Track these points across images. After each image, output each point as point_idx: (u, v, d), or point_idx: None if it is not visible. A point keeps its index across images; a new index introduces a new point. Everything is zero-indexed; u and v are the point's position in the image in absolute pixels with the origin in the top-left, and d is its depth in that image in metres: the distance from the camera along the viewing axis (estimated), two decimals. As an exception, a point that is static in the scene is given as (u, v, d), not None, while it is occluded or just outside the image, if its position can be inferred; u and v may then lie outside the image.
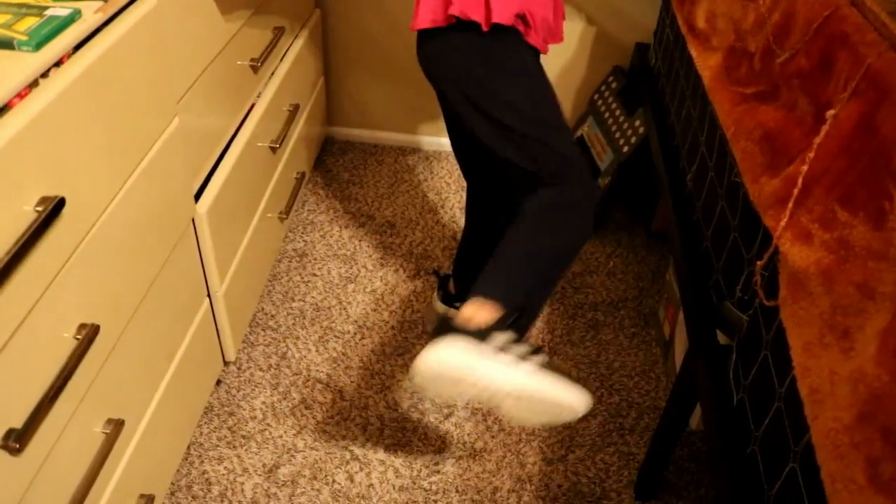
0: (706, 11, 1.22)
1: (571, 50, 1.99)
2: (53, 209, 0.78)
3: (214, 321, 1.37)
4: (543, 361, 1.01)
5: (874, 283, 0.62)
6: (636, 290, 1.79)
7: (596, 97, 2.03)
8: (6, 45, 0.79)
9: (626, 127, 1.84)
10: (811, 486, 0.71)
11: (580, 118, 2.09)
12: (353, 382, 1.54)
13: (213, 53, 1.24)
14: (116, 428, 0.98)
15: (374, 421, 1.46)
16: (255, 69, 1.45)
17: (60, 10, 0.85)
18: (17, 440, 0.77)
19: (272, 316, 1.67)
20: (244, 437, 1.42)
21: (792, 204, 0.76)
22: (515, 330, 1.04)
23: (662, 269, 1.85)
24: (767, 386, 0.84)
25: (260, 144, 1.49)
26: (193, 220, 1.22)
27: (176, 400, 1.21)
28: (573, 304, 1.74)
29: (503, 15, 1.12)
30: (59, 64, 0.83)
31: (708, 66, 1.15)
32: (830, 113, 0.72)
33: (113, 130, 0.92)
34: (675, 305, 1.54)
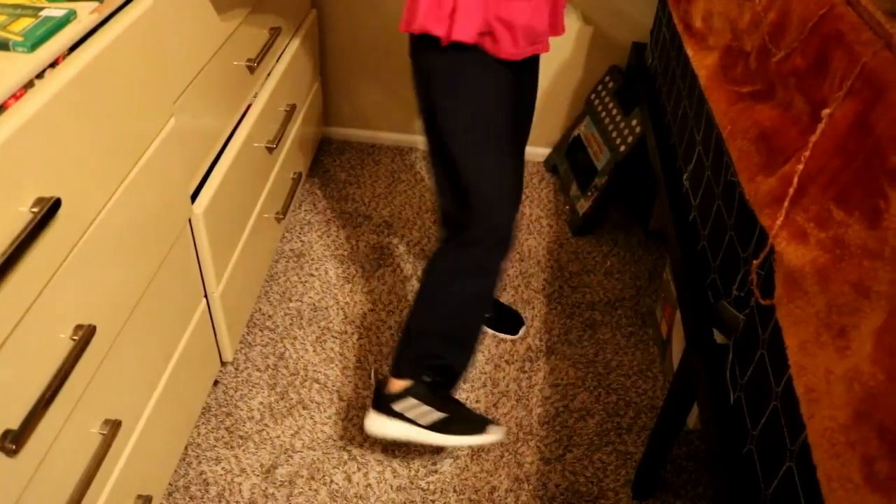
0: (702, 11, 1.22)
1: (568, 49, 2.00)
2: (49, 210, 0.78)
3: (211, 322, 1.37)
4: (444, 419, 1.26)
5: (869, 281, 0.62)
6: (633, 289, 1.79)
7: (593, 97, 2.03)
8: (1, 45, 0.79)
9: (622, 126, 1.84)
10: (808, 485, 0.71)
11: (577, 118, 2.09)
12: (350, 382, 1.53)
13: (209, 54, 1.24)
14: (113, 429, 0.98)
15: (371, 421, 1.46)
16: (251, 69, 1.45)
17: (56, 10, 0.85)
18: (13, 441, 0.76)
19: (269, 316, 1.67)
20: (242, 437, 1.42)
21: (788, 203, 0.76)
22: (443, 384, 1.29)
23: (659, 268, 1.85)
24: (764, 385, 0.84)
25: (256, 145, 1.49)
26: (190, 220, 1.22)
27: (173, 400, 1.21)
28: (570, 303, 1.74)
29: (465, 32, 1.09)
30: (54, 65, 0.83)
31: (704, 65, 1.15)
32: (826, 112, 0.72)
33: (109, 131, 0.92)
34: (672, 305, 1.54)
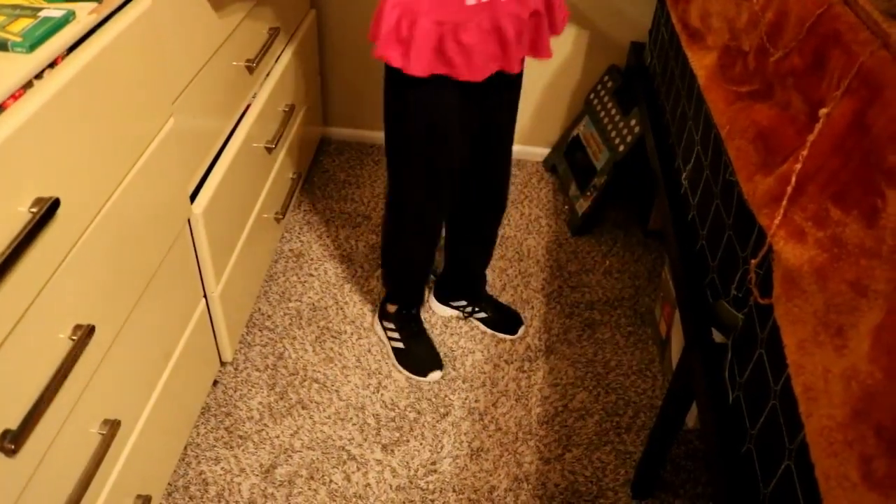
0: (700, 10, 1.22)
1: (567, 49, 2.00)
2: (48, 210, 0.78)
3: (211, 322, 1.37)
4: (400, 349, 1.58)
5: (867, 280, 0.62)
6: (632, 288, 1.79)
7: (592, 96, 2.03)
8: (0, 46, 0.79)
9: (621, 126, 1.84)
10: (806, 483, 0.71)
11: (576, 118, 2.09)
12: (349, 382, 1.54)
13: (208, 54, 1.24)
14: (113, 428, 0.98)
15: (370, 421, 1.46)
16: (250, 70, 1.45)
17: (54, 11, 0.85)
18: (12, 441, 0.76)
19: (269, 316, 1.67)
20: (241, 437, 1.42)
21: (786, 202, 0.76)
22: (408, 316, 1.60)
23: (658, 267, 1.85)
24: (762, 384, 0.84)
25: (256, 145, 1.49)
26: (189, 220, 1.22)
27: (172, 400, 1.21)
28: (570, 302, 1.74)
29: (418, 68, 1.15)
30: (53, 65, 0.83)
31: (702, 64, 1.15)
32: (823, 111, 0.72)
33: (108, 131, 0.92)
34: (671, 304, 1.54)
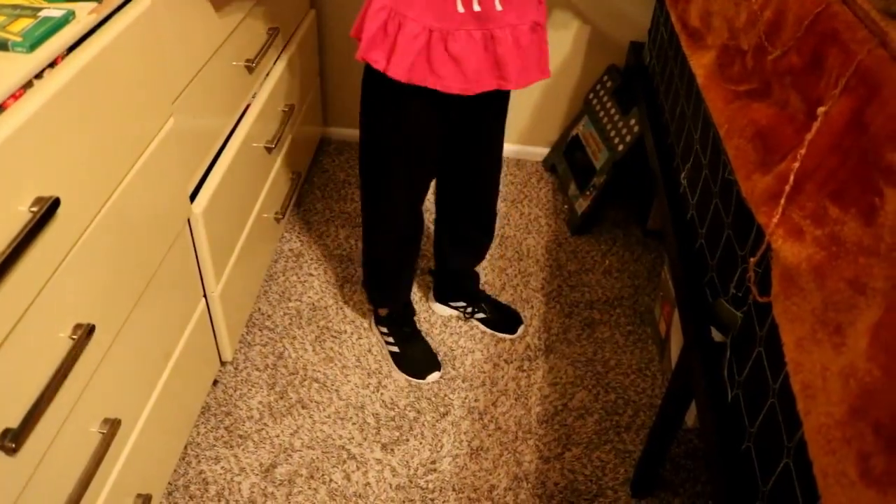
0: (700, 10, 1.23)
1: (567, 49, 2.00)
2: (48, 209, 0.78)
3: (211, 321, 1.37)
4: (396, 353, 1.58)
5: (865, 278, 0.62)
6: (632, 288, 1.79)
7: (591, 96, 2.03)
8: (0, 46, 0.79)
9: (621, 126, 1.84)
10: (804, 481, 0.71)
11: (575, 117, 2.09)
12: (349, 382, 1.54)
13: (208, 54, 1.24)
14: (113, 427, 0.98)
15: (370, 420, 1.46)
16: (250, 69, 1.45)
17: (54, 11, 0.86)
18: (13, 440, 0.77)
19: (269, 316, 1.67)
20: (241, 436, 1.42)
21: (784, 200, 0.76)
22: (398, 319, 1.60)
23: (658, 267, 1.85)
24: (761, 382, 0.84)
25: (255, 145, 1.49)
26: (189, 220, 1.22)
27: (173, 400, 1.22)
28: (569, 302, 1.74)
29: (400, 71, 1.11)
30: (53, 65, 0.83)
31: (701, 64, 1.15)
32: (821, 110, 0.72)
33: (108, 131, 0.93)
34: (670, 303, 1.54)
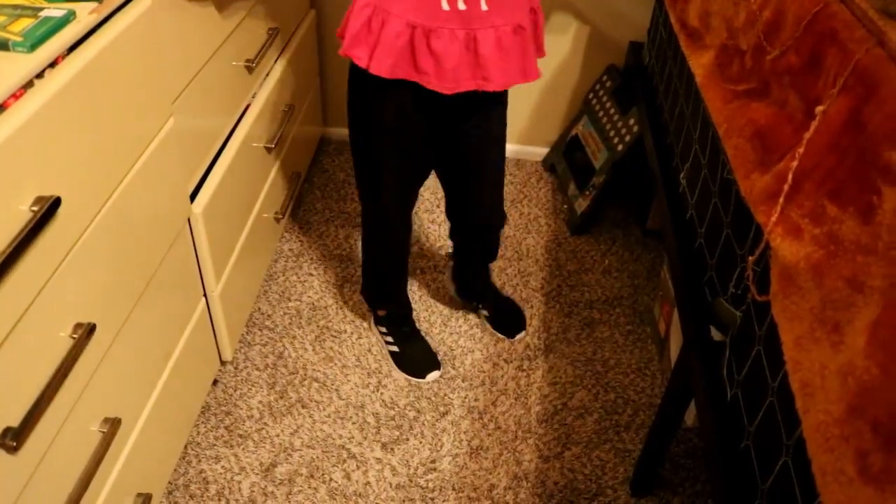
0: (699, 9, 1.23)
1: (566, 49, 2.00)
2: (49, 209, 0.78)
3: (211, 321, 1.37)
4: (396, 352, 1.58)
5: (863, 276, 0.62)
6: (631, 287, 1.80)
7: (590, 96, 2.03)
8: (1, 46, 0.80)
9: (620, 125, 1.85)
10: (803, 479, 0.72)
11: (575, 117, 2.10)
12: (349, 381, 1.54)
13: (208, 54, 1.25)
14: (113, 427, 0.99)
15: (370, 419, 1.47)
16: (249, 70, 1.45)
17: (55, 11, 0.86)
18: (13, 438, 0.77)
19: (269, 315, 1.67)
20: (241, 436, 1.43)
21: (782, 199, 0.76)
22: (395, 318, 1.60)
23: (657, 266, 1.86)
24: (760, 381, 0.84)
25: (255, 145, 1.49)
26: (189, 220, 1.22)
27: (173, 399, 1.22)
28: (569, 302, 1.75)
29: (383, 68, 1.08)
30: (53, 65, 0.83)
31: (700, 63, 1.15)
32: (820, 109, 0.72)
33: (108, 130, 0.93)
34: (669, 303, 1.54)
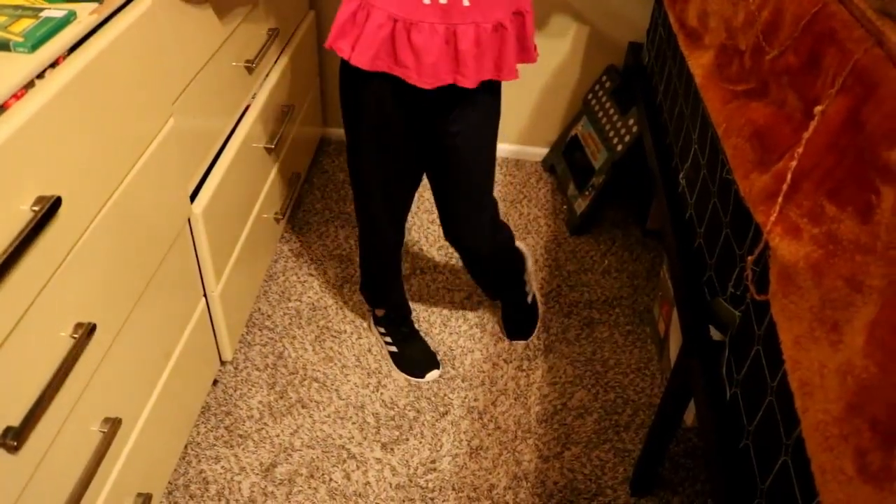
0: (698, 10, 1.23)
1: (565, 50, 2.00)
2: (50, 209, 0.79)
3: (211, 321, 1.37)
4: (395, 352, 1.59)
5: (862, 276, 0.63)
6: (631, 287, 1.80)
7: (590, 96, 2.03)
8: (2, 46, 0.80)
9: (619, 126, 1.85)
10: (802, 478, 0.72)
11: (574, 118, 2.10)
12: (349, 381, 1.54)
13: (208, 55, 1.25)
14: (114, 427, 0.99)
15: (370, 419, 1.47)
16: (249, 70, 1.45)
17: (56, 11, 0.86)
18: (14, 438, 0.77)
19: (269, 316, 1.67)
20: (241, 436, 1.43)
21: (781, 199, 0.77)
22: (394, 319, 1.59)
23: (657, 266, 1.86)
24: (759, 380, 0.84)
25: (255, 145, 1.49)
26: (189, 220, 1.22)
27: (173, 399, 1.22)
28: (568, 302, 1.75)
29: (364, 59, 1.07)
30: (54, 65, 0.84)
31: (699, 63, 1.16)
32: (818, 109, 0.73)
33: (109, 131, 0.93)
34: (669, 303, 1.54)
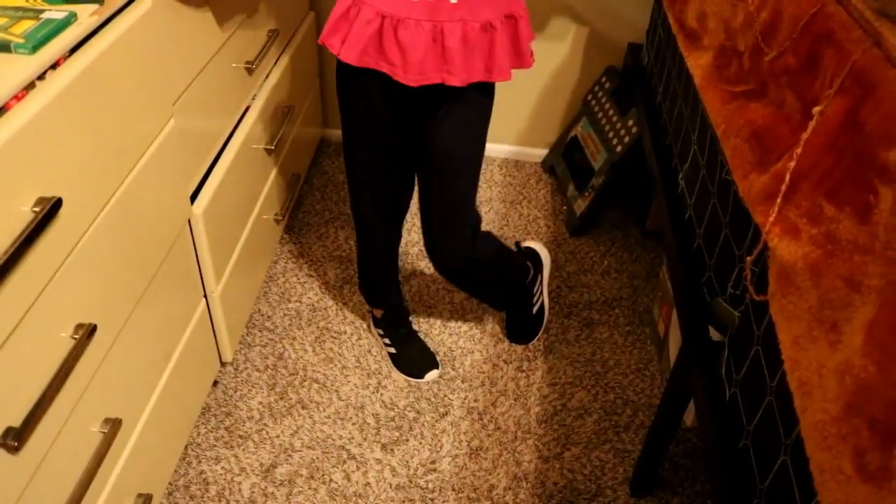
0: (697, 11, 1.23)
1: (565, 51, 2.01)
2: (50, 210, 0.79)
3: (211, 322, 1.38)
4: (394, 353, 1.59)
5: (860, 276, 0.63)
6: (630, 288, 1.80)
7: (589, 97, 2.04)
8: (3, 47, 0.80)
9: (619, 127, 1.85)
10: (801, 478, 0.72)
11: (574, 118, 2.10)
12: (349, 382, 1.54)
13: (208, 56, 1.25)
14: (114, 427, 0.99)
15: (370, 420, 1.47)
16: (249, 71, 1.46)
17: (56, 13, 0.86)
18: (15, 438, 0.77)
19: (269, 317, 1.67)
20: (241, 437, 1.43)
21: (780, 200, 0.77)
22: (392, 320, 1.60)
23: (656, 267, 1.86)
24: (759, 380, 0.85)
25: (255, 146, 1.49)
26: (189, 221, 1.22)
27: (173, 400, 1.22)
28: (568, 302, 1.75)
29: (351, 55, 1.07)
30: (55, 66, 0.84)
31: (699, 64, 1.16)
32: (817, 109, 0.73)
33: (109, 132, 0.93)
34: (668, 303, 1.55)
